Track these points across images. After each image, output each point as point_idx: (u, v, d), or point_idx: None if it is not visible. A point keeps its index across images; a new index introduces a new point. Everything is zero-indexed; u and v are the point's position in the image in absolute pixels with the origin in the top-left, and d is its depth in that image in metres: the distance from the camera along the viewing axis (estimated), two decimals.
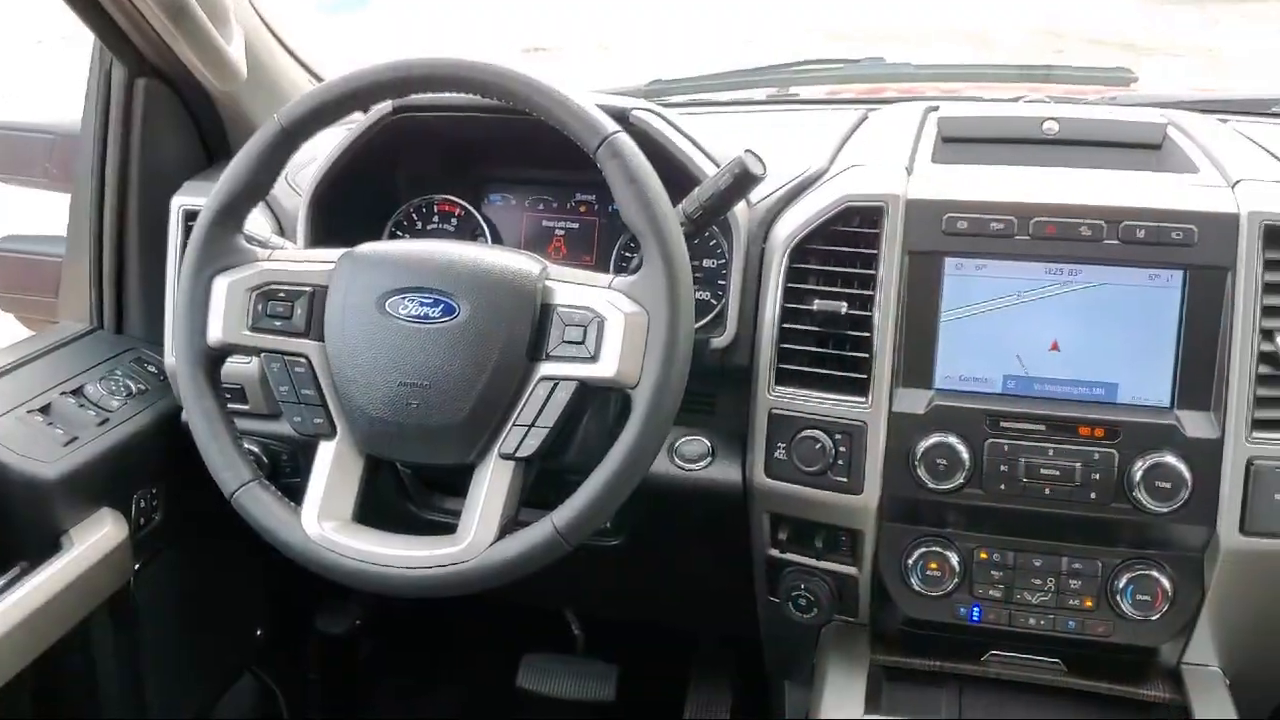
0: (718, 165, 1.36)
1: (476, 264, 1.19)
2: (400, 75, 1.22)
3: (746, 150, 1.27)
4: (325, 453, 1.23)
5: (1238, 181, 1.30)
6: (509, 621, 2.16)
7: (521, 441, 1.17)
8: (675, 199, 1.29)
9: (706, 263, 1.54)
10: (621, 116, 1.42)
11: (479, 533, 1.16)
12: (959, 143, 1.55)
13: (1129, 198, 1.28)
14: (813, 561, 1.42)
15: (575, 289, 1.18)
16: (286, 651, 2.10)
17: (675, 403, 1.15)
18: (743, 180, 1.27)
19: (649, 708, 2.09)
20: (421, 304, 1.19)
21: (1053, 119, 1.53)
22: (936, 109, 1.63)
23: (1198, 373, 1.25)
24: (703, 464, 1.46)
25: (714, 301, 1.51)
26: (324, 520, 1.20)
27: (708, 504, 1.46)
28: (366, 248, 1.24)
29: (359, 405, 1.20)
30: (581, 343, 1.15)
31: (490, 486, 1.17)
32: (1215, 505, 1.24)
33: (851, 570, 1.41)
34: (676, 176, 1.40)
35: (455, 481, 1.23)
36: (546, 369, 1.16)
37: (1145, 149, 1.49)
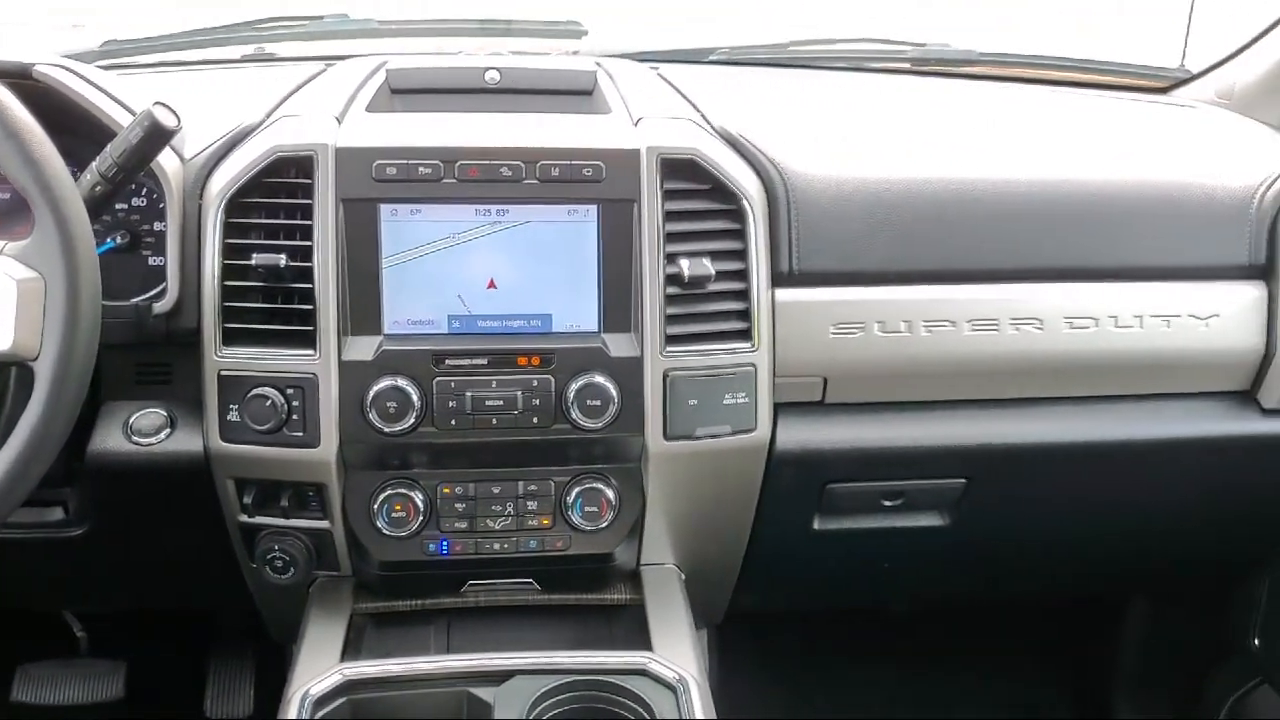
0: None
1: None
2: None
3: (156, 102, 1.23)
4: None
5: (640, 119, 1.42)
6: (2, 631, 1.97)
7: None
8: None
9: (157, 226, 1.47)
10: (23, 72, 1.32)
11: None
12: (408, 94, 1.58)
13: (544, 139, 1.35)
14: (284, 521, 1.41)
15: None
16: None
17: (84, 373, 1.09)
18: (154, 133, 1.22)
19: (168, 698, 2.00)
20: None
21: (495, 69, 1.59)
22: (387, 62, 1.64)
23: (618, 298, 1.35)
24: (161, 437, 1.39)
25: None
26: None
27: (172, 477, 1.40)
28: None
29: None
30: None
31: None
32: (642, 416, 1.35)
33: (324, 524, 1.41)
34: (98, 134, 1.33)
35: None
36: None
37: (579, 95, 1.59)
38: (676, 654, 1.33)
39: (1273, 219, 1.50)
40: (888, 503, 1.56)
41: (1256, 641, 1.85)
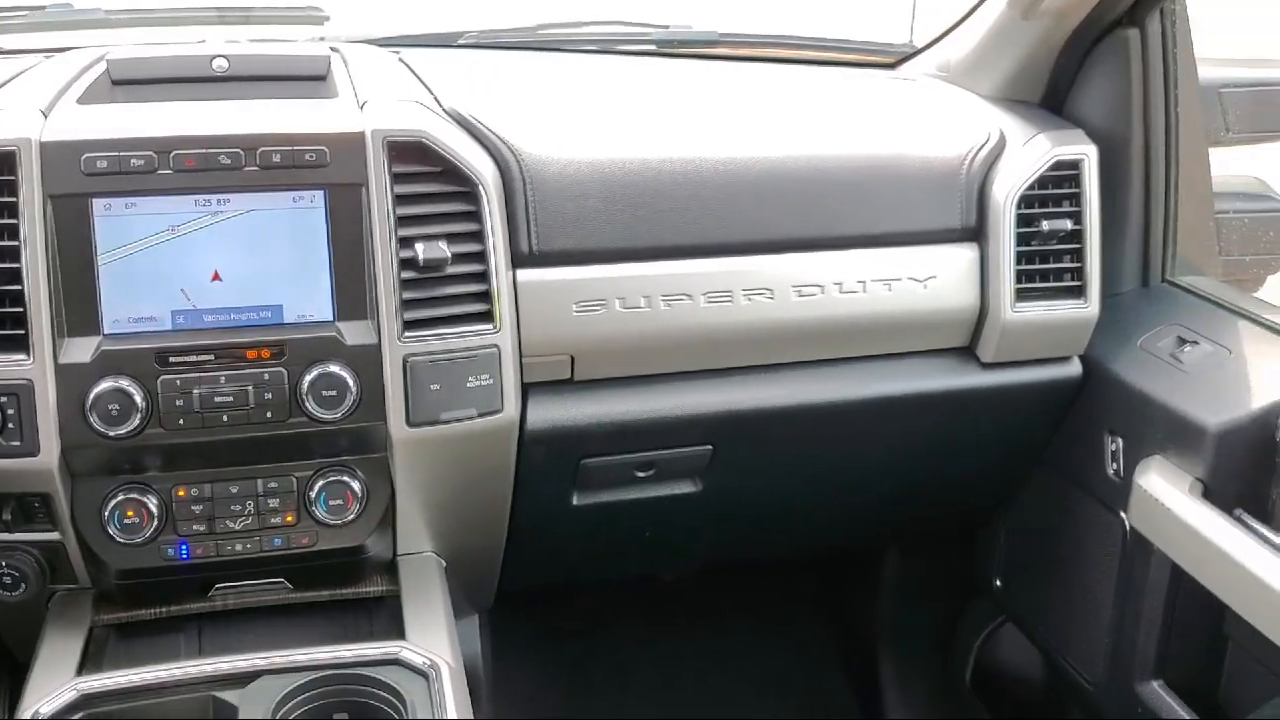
0: None
1: None
2: None
3: None
4: None
5: (365, 102, 1.40)
6: None
7: None
8: None
9: None
10: None
11: None
12: (131, 85, 1.51)
13: (264, 124, 1.32)
14: (9, 535, 1.33)
15: None
16: None
17: None
18: None
19: None
20: None
21: (223, 56, 1.54)
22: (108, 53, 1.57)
23: (352, 285, 1.33)
24: None
25: None
26: None
27: None
28: None
29: None
30: None
31: None
32: (383, 405, 1.34)
33: (54, 536, 1.34)
34: None
35: None
36: None
37: (312, 80, 1.55)
38: (431, 641, 1.33)
39: (980, 183, 1.60)
40: (641, 474, 1.59)
41: (999, 583, 1.98)
